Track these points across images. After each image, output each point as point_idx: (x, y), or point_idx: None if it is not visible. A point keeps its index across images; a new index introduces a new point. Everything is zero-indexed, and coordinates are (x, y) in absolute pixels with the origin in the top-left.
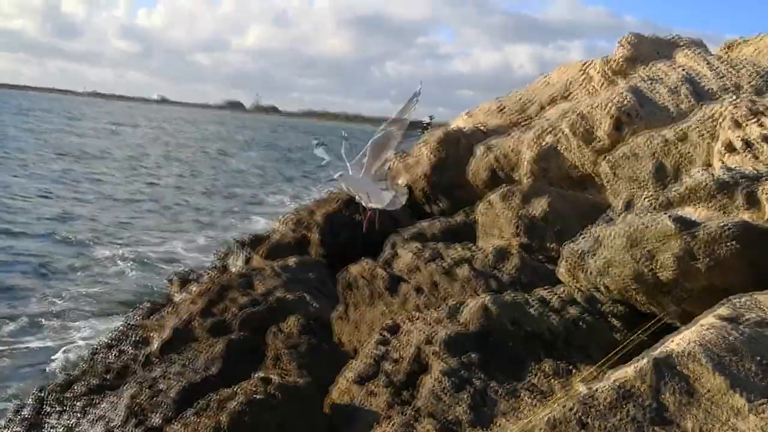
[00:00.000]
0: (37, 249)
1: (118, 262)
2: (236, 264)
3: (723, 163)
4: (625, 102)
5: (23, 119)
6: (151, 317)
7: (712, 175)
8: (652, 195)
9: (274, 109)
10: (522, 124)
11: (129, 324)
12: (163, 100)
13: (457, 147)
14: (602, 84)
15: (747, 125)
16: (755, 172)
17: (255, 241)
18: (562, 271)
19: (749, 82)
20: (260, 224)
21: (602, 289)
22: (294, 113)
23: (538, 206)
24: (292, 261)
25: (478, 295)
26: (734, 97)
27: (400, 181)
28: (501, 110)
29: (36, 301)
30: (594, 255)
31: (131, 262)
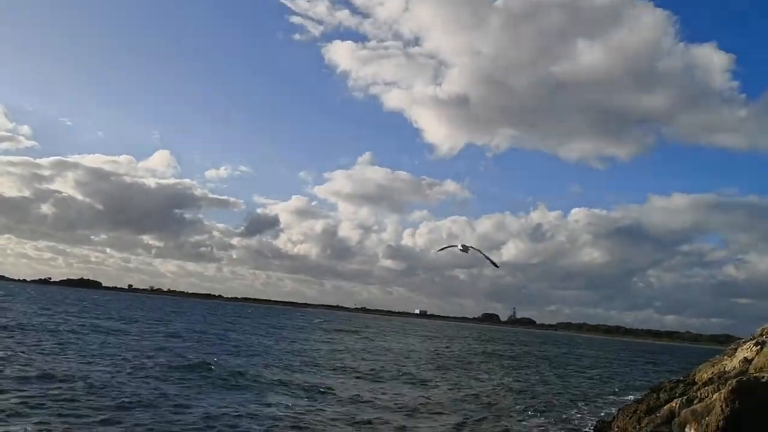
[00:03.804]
0: None
1: None
2: None
3: None
4: None
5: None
6: None
7: None
8: None
9: (530, 321)
10: None
11: None
12: (423, 314)
13: (754, 398)
14: None
15: None
16: None
17: None
18: None
19: None
20: None
21: None
22: (551, 325)
23: None
24: None
25: None
26: None
27: (687, 430)
28: None
29: None
30: None
31: None
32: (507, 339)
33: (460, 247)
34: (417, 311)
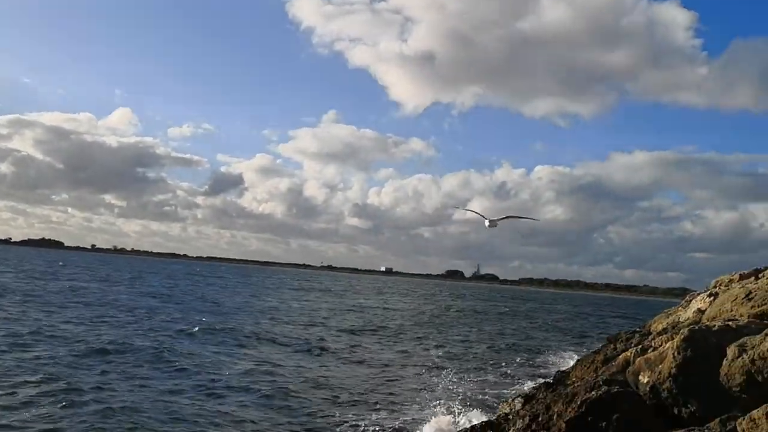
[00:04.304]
0: None
1: None
2: None
3: None
4: None
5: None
6: None
7: None
8: None
9: (493, 277)
10: None
11: None
12: (389, 272)
13: (705, 346)
14: None
15: None
16: None
17: (488, 428)
18: None
19: None
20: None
21: None
22: (513, 280)
23: None
24: None
25: None
26: None
27: (641, 378)
28: (749, 298)
29: None
30: None
31: None
32: (482, 296)
33: (487, 223)
34: (383, 269)
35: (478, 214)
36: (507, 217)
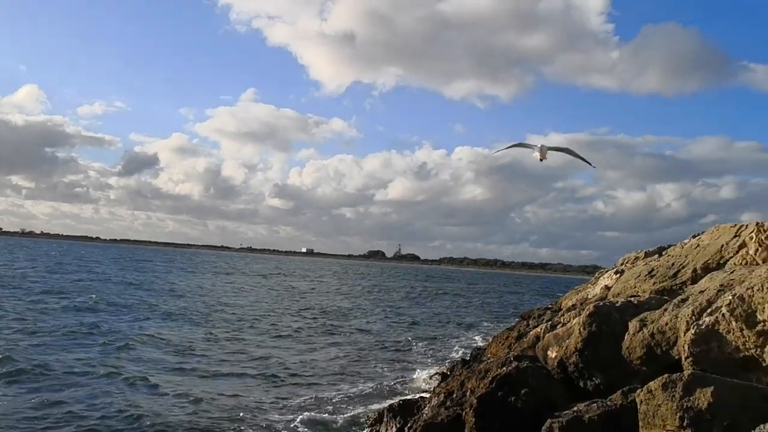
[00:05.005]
0: None
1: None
2: None
3: None
4: None
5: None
6: None
7: None
8: None
9: (414, 257)
10: (675, 290)
11: None
12: (310, 252)
13: (609, 321)
14: (758, 252)
15: None
16: None
17: (405, 407)
18: None
19: None
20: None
21: None
22: (434, 260)
23: (703, 398)
24: None
25: None
26: None
27: (549, 353)
28: (651, 274)
29: None
30: None
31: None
32: (407, 276)
33: (536, 154)
34: (304, 250)
35: (526, 145)
36: (565, 149)
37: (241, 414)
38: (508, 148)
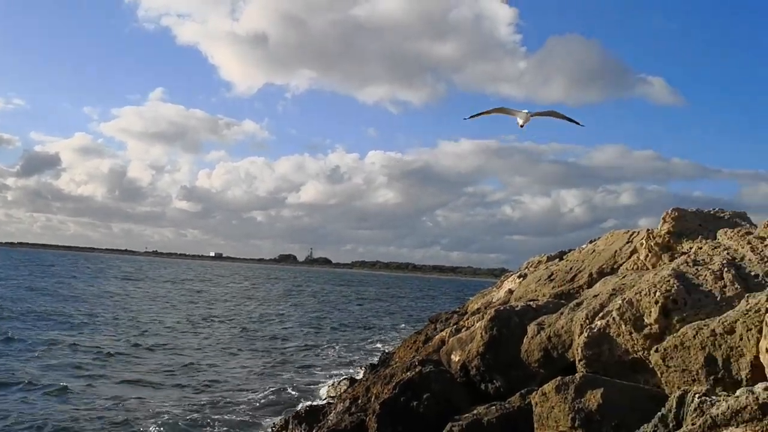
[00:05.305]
0: None
1: None
2: None
3: None
4: (672, 290)
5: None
6: None
7: (757, 396)
8: (703, 394)
9: (326, 261)
10: (572, 294)
11: None
12: (219, 257)
13: (509, 325)
14: (648, 257)
15: None
16: None
17: (311, 414)
18: None
19: None
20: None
21: None
22: (346, 264)
23: (593, 399)
24: None
25: None
26: None
27: (453, 357)
28: (551, 279)
29: None
30: None
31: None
32: (322, 280)
33: (520, 121)
34: (212, 254)
35: (509, 110)
36: (551, 112)
37: (145, 422)
38: (488, 112)
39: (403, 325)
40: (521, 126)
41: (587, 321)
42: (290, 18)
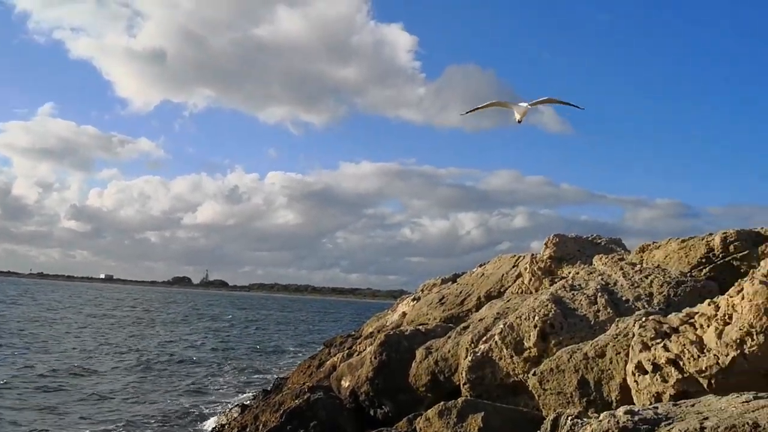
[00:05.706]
0: None
1: None
2: None
3: (636, 383)
4: (550, 314)
5: None
6: None
7: (617, 420)
8: (576, 416)
9: (222, 284)
10: (461, 317)
11: None
12: (110, 279)
13: (398, 349)
14: (531, 281)
15: (654, 347)
16: (655, 416)
17: None
18: None
19: (660, 292)
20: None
21: None
22: (243, 286)
23: (474, 424)
24: None
25: None
26: (643, 315)
27: (343, 383)
28: (442, 302)
29: None
30: None
31: None
32: (219, 303)
33: (517, 116)
34: (102, 276)
35: (505, 104)
36: (549, 100)
37: None
38: (484, 107)
39: (300, 348)
40: (519, 121)
41: (472, 345)
42: (189, 35)
